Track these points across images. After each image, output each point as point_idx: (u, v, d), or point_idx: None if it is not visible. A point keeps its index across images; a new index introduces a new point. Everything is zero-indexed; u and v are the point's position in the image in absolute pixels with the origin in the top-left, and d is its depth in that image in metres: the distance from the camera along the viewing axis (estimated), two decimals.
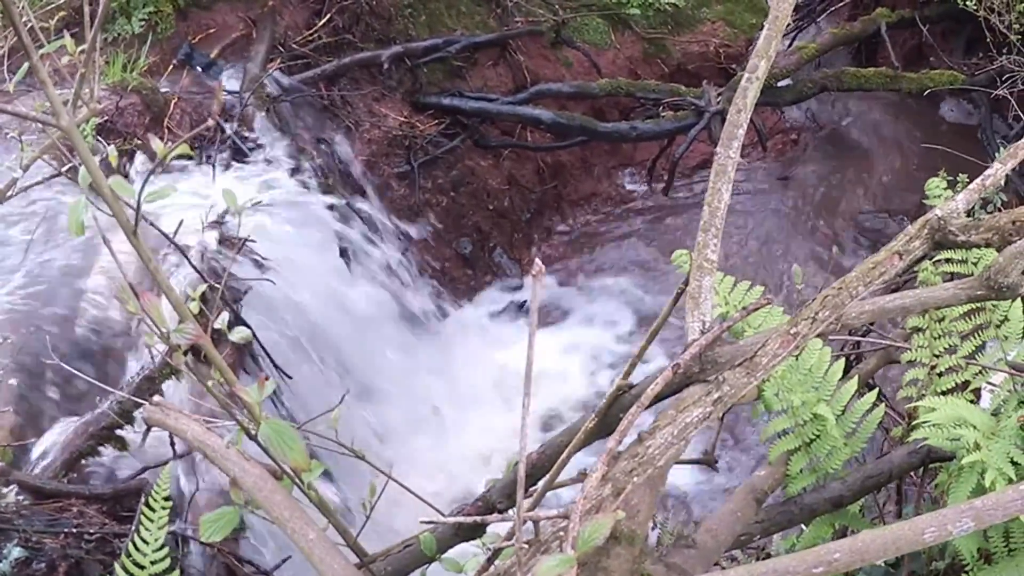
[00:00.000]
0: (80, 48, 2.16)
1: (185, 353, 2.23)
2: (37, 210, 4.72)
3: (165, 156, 1.90)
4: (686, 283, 2.38)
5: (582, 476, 2.11)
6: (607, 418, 2.39)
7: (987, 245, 2.24)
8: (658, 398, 2.24)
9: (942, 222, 2.24)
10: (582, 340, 6.84)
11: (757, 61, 2.56)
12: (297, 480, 2.42)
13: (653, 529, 3.94)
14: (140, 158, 5.37)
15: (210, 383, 2.32)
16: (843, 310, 2.16)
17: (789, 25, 9.07)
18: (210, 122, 2.19)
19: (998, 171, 2.33)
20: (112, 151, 2.41)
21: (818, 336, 2.23)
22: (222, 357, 2.29)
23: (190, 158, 5.40)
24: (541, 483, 2.41)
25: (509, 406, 6.07)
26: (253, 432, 2.31)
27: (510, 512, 2.60)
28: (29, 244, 4.55)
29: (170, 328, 2.07)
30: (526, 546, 1.96)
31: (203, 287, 2.39)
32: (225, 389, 2.32)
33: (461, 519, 2.51)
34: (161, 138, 5.40)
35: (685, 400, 2.17)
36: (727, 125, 2.51)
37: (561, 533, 1.91)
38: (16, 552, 3.45)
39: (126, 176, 5.23)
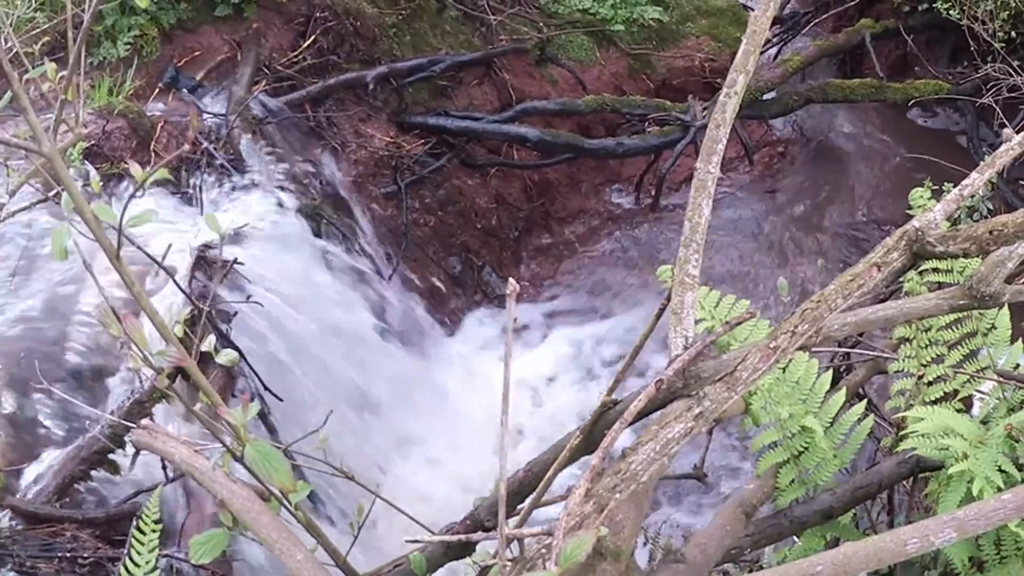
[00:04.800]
0: (61, 74, 2.16)
1: (172, 377, 2.23)
2: (23, 234, 4.70)
3: (143, 181, 1.91)
4: (668, 299, 2.39)
5: (568, 493, 2.11)
6: (592, 435, 2.39)
7: (965, 255, 2.25)
8: (642, 414, 2.24)
9: (920, 233, 2.25)
10: (569, 356, 6.83)
11: (736, 76, 2.56)
12: (285, 501, 2.42)
13: (644, 545, 3.95)
14: (126, 182, 5.37)
15: (197, 405, 2.32)
16: (823, 323, 2.17)
17: (771, 40, 9.18)
18: (186, 147, 2.21)
19: (976, 181, 2.34)
20: (95, 176, 2.42)
21: (800, 349, 2.24)
22: (210, 380, 2.29)
23: (171, 183, 5.40)
24: (528, 501, 2.41)
25: (497, 424, 6.06)
26: (239, 454, 2.31)
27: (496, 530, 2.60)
28: (16, 268, 4.53)
29: (153, 352, 2.08)
30: (510, 564, 1.96)
31: (187, 310, 2.40)
32: (212, 411, 2.32)
33: (448, 538, 2.51)
34: (148, 162, 5.41)
35: (667, 416, 2.18)
36: (706, 140, 2.52)
37: (544, 550, 1.91)
38: None
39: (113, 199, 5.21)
